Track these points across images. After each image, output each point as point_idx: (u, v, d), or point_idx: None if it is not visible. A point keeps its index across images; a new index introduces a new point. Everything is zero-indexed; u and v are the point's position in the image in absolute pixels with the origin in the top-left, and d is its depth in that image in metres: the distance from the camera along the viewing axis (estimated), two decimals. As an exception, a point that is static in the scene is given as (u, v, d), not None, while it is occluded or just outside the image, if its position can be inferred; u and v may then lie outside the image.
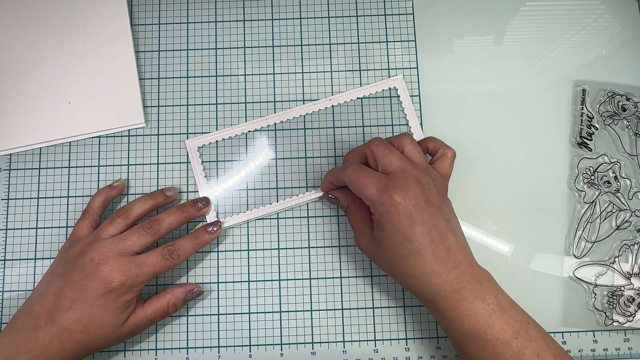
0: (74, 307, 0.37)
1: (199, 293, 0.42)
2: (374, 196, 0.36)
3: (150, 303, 0.40)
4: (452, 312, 0.35)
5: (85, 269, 0.37)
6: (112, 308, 0.37)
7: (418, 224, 0.35)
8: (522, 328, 0.35)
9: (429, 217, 0.35)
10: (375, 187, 0.36)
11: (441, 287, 0.35)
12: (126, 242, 0.39)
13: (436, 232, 0.35)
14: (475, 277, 0.36)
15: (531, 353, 0.34)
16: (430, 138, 0.42)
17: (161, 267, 0.39)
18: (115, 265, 0.37)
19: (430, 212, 0.35)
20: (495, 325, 0.34)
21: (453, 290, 0.35)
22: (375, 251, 0.38)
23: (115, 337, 0.38)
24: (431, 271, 0.35)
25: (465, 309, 0.35)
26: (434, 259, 0.35)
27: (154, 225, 0.40)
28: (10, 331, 0.37)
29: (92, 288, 0.37)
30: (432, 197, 0.35)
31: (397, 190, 0.35)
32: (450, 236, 0.36)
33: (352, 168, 0.38)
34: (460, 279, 0.35)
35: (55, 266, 0.40)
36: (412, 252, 0.35)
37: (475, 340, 0.35)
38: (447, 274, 0.35)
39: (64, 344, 0.37)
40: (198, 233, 0.41)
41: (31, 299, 0.39)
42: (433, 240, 0.35)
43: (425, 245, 0.35)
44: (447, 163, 0.40)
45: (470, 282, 0.35)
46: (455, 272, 0.35)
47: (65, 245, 0.41)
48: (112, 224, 0.40)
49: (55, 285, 0.38)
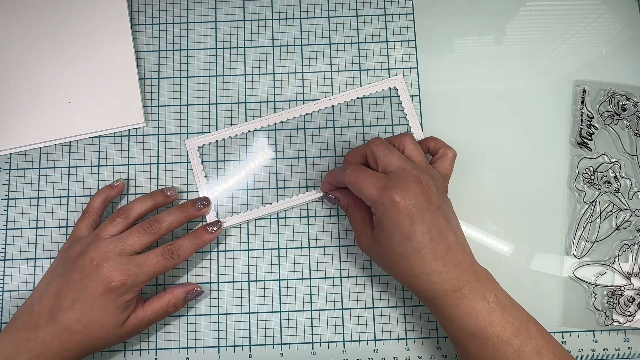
0: (74, 306, 0.37)
1: (199, 293, 0.42)
2: (374, 196, 0.36)
3: (150, 303, 0.40)
4: (452, 311, 0.35)
5: (85, 269, 0.37)
6: (112, 308, 0.37)
7: (418, 222, 0.35)
8: (522, 326, 0.35)
9: (429, 216, 0.35)
10: (375, 187, 0.36)
11: (441, 285, 0.35)
12: (126, 242, 0.39)
13: (436, 231, 0.35)
14: (475, 275, 0.36)
15: (531, 351, 0.34)
16: (431, 138, 0.42)
17: (161, 267, 0.39)
18: (115, 265, 0.37)
19: (430, 211, 0.35)
20: (496, 323, 0.34)
21: (453, 288, 0.35)
22: (376, 250, 0.38)
23: (115, 337, 0.38)
24: (431, 270, 0.35)
25: (465, 307, 0.35)
26: (434, 258, 0.35)
27: (154, 224, 0.40)
28: (10, 331, 0.37)
29: (92, 288, 0.37)
30: (432, 197, 0.36)
31: (397, 189, 0.35)
32: (450, 235, 0.36)
33: (352, 169, 0.38)
34: (460, 278, 0.35)
35: (55, 266, 0.40)
36: (412, 251, 0.35)
37: (475, 339, 0.35)
38: (447, 272, 0.35)
39: (64, 343, 0.37)
40: (198, 233, 0.41)
41: (31, 298, 0.39)
42: (433, 239, 0.35)
43: (425, 244, 0.35)
44: (447, 163, 0.40)
45: (470, 280, 0.35)
46: (455, 271, 0.35)
47: (65, 245, 0.41)
48: (112, 224, 0.40)
49: (55, 285, 0.38)
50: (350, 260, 0.45)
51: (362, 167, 0.38)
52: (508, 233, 0.45)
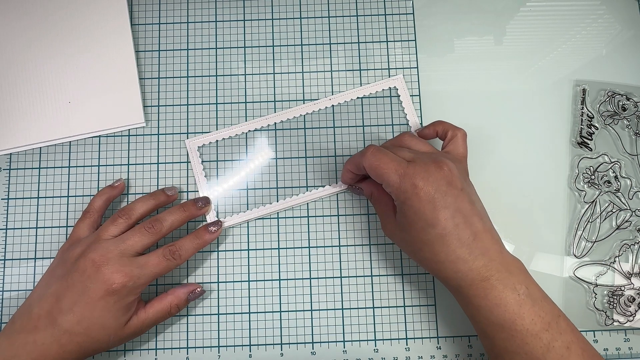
0: (74, 309, 0.36)
1: (201, 293, 0.42)
2: (395, 183, 0.35)
3: (152, 304, 0.40)
4: (479, 300, 0.34)
5: (86, 271, 0.37)
6: (113, 310, 0.37)
7: (441, 208, 0.34)
8: (552, 320, 0.34)
9: (452, 200, 0.34)
10: (397, 173, 0.35)
11: (467, 274, 0.34)
12: (127, 243, 0.38)
13: (460, 216, 0.34)
14: (505, 265, 0.35)
15: (561, 346, 0.33)
16: (437, 122, 0.41)
17: (163, 268, 0.38)
18: (116, 266, 0.37)
19: (453, 195, 0.34)
20: (526, 316, 0.33)
21: (481, 278, 0.34)
22: (400, 236, 0.37)
23: (116, 339, 0.38)
24: (456, 257, 0.34)
25: (494, 297, 0.34)
26: (459, 245, 0.34)
27: (156, 224, 0.39)
28: (8, 333, 0.37)
29: (93, 290, 0.36)
30: (454, 180, 0.35)
31: (418, 175, 0.34)
32: (476, 220, 0.35)
33: (372, 152, 0.36)
34: (489, 267, 0.34)
35: (54, 267, 0.39)
36: (436, 238, 0.34)
37: (503, 330, 0.34)
38: (473, 260, 0.34)
39: (64, 346, 0.36)
40: (199, 233, 0.41)
41: (29, 300, 0.38)
42: (458, 225, 0.34)
43: (449, 230, 0.34)
44: (459, 143, 0.40)
45: (500, 270, 0.34)
46: (482, 259, 0.34)
47: (64, 246, 0.41)
48: (113, 224, 0.39)
49: (55, 286, 0.37)
50: (350, 260, 0.44)
51: (382, 149, 0.37)
52: (508, 233, 0.45)
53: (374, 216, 0.45)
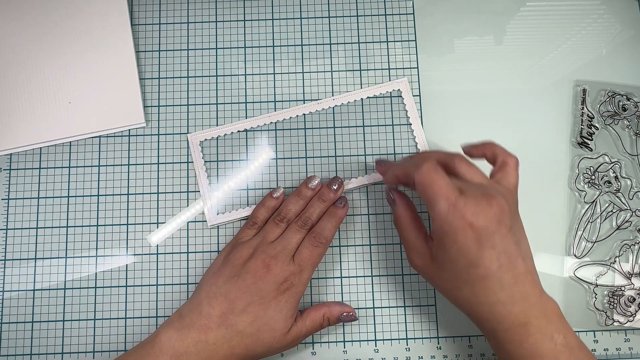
0: (248, 309, 0.37)
1: (354, 318, 0.42)
2: (443, 211, 0.32)
3: (309, 313, 0.40)
4: (513, 347, 0.33)
5: (257, 272, 0.38)
6: (284, 310, 0.38)
7: (487, 248, 0.32)
8: None
9: (499, 240, 0.32)
10: (447, 201, 0.32)
11: (506, 317, 0.33)
12: (291, 242, 0.39)
13: (505, 258, 0.32)
14: (544, 311, 0.33)
15: None
16: (488, 144, 0.38)
17: (316, 256, 0.39)
18: (284, 266, 0.38)
19: (501, 235, 0.32)
20: None
21: (518, 323, 0.33)
22: (434, 273, 0.36)
23: (278, 346, 0.38)
24: (496, 300, 0.33)
25: (529, 346, 0.32)
26: (500, 288, 0.33)
27: (307, 221, 0.41)
28: (179, 328, 0.37)
29: (266, 291, 0.37)
30: (504, 218, 0.32)
31: (469, 210, 0.32)
32: (519, 262, 0.33)
33: (427, 169, 0.33)
34: (527, 313, 0.33)
35: (220, 268, 0.39)
36: (477, 278, 0.33)
37: None
38: (512, 304, 0.33)
39: (233, 348, 0.36)
40: (331, 211, 0.42)
41: (197, 298, 0.38)
42: (502, 266, 0.32)
43: (492, 271, 0.32)
44: (511, 173, 0.36)
45: (538, 317, 0.33)
46: (522, 304, 0.33)
47: (226, 249, 0.41)
48: (277, 227, 0.41)
49: (225, 287, 0.38)
50: (350, 260, 0.44)
51: (439, 168, 0.33)
52: (508, 233, 0.45)
53: (374, 216, 0.45)
